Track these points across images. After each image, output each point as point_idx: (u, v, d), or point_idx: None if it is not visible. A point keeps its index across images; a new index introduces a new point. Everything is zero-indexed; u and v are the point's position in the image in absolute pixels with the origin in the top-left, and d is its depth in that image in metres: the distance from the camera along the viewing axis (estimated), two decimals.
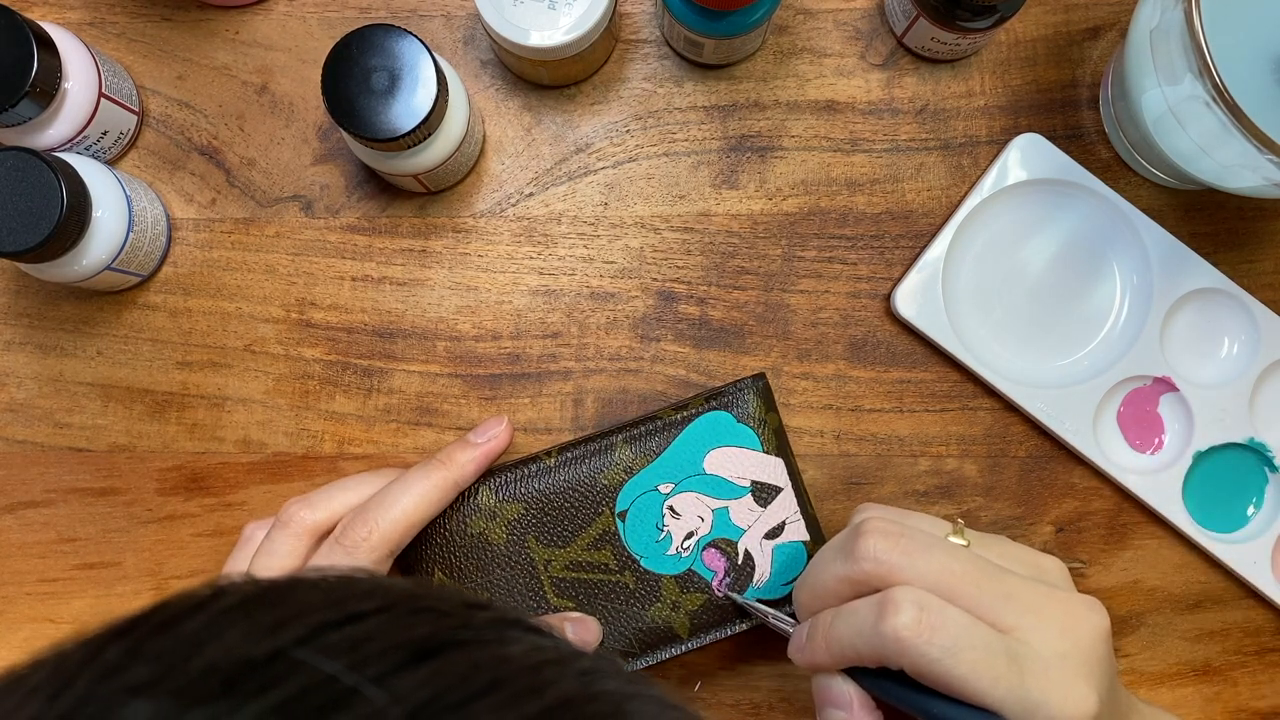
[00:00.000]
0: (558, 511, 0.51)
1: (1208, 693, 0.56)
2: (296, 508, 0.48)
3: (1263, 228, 0.56)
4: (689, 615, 0.51)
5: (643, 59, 0.57)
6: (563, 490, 0.51)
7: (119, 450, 0.56)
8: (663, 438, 0.51)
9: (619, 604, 0.51)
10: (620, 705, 0.23)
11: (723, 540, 0.51)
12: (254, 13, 0.57)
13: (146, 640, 0.21)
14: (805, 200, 0.56)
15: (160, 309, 0.56)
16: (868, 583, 0.41)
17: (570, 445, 0.52)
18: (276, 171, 0.56)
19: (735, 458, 0.51)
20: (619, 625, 0.51)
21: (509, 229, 0.56)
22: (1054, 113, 0.56)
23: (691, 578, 0.51)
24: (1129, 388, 0.55)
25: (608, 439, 0.52)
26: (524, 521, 0.51)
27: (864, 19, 0.56)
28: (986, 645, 0.39)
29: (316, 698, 0.20)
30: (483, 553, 0.51)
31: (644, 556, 0.51)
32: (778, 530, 0.51)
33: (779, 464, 0.51)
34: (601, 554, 0.51)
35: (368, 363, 0.56)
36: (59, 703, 0.20)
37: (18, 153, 0.48)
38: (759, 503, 0.51)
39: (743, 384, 0.52)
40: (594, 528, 0.51)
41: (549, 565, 0.51)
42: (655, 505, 0.51)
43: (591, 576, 0.51)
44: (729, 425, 0.51)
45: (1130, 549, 0.56)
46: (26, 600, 0.56)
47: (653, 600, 0.51)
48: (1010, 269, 0.56)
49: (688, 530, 0.51)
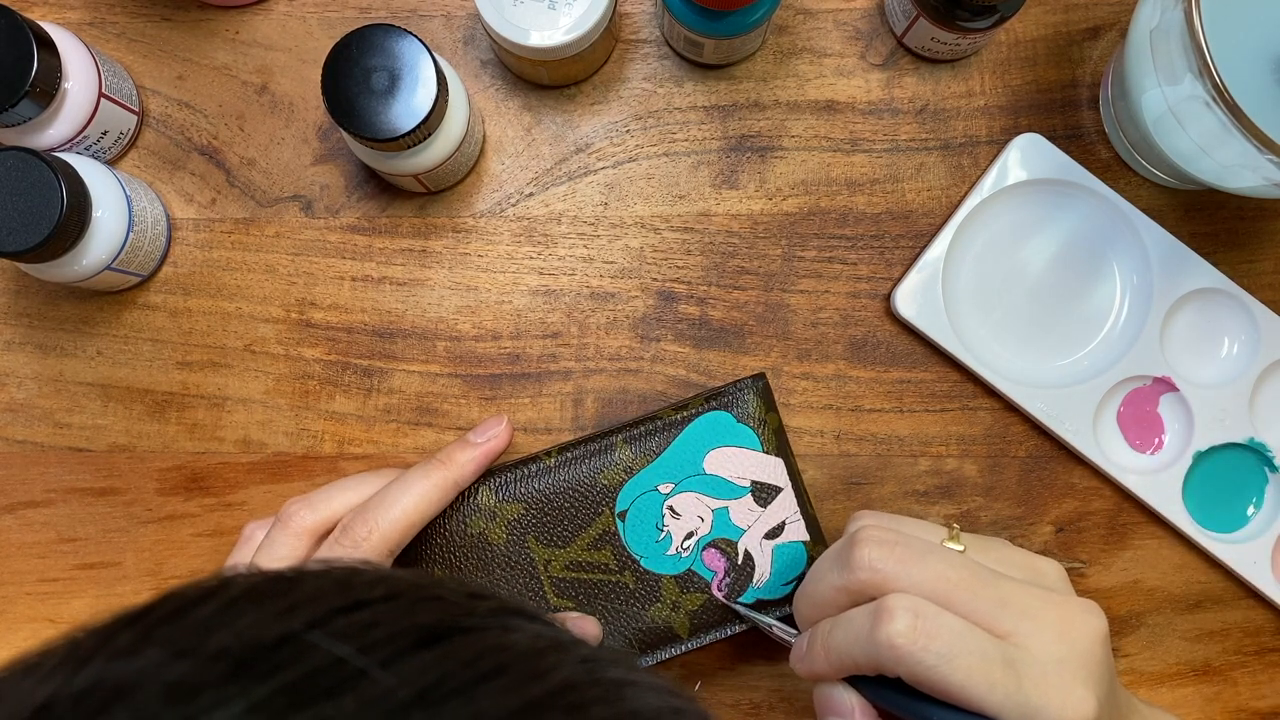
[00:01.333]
0: (558, 511, 0.51)
1: (1208, 693, 0.56)
2: (296, 507, 0.48)
3: (1263, 228, 0.56)
4: (689, 615, 0.51)
5: (643, 59, 0.57)
6: (563, 490, 0.51)
7: (119, 450, 0.56)
8: (663, 438, 0.51)
9: (619, 604, 0.51)
10: (620, 691, 0.23)
11: (723, 540, 0.51)
12: (254, 13, 0.57)
13: (157, 626, 0.22)
14: (805, 200, 0.56)
15: (160, 309, 0.56)
16: (864, 592, 0.41)
17: (570, 445, 0.52)
18: (276, 171, 0.56)
19: (735, 458, 0.51)
20: (619, 625, 0.51)
21: (509, 229, 0.56)
22: (1054, 113, 0.56)
23: (691, 578, 0.51)
24: (1129, 388, 0.55)
25: (608, 439, 0.52)
26: (524, 521, 0.51)
27: (864, 19, 0.56)
28: (982, 651, 0.39)
29: (326, 679, 0.20)
30: (483, 552, 0.51)
31: (644, 556, 0.51)
32: (778, 530, 0.51)
33: (779, 464, 0.51)
34: (601, 554, 0.51)
35: (368, 363, 0.56)
36: (76, 680, 0.20)
37: (18, 153, 0.48)
38: (759, 503, 0.51)
39: (742, 384, 0.52)
40: (594, 528, 0.51)
41: (549, 565, 0.51)
42: (655, 505, 0.51)
43: (591, 576, 0.51)
44: (729, 425, 0.51)
45: (1130, 549, 0.56)
46: (26, 600, 0.56)
47: (653, 600, 0.51)
48: (1010, 269, 0.56)
49: (688, 530, 0.51)
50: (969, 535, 0.44)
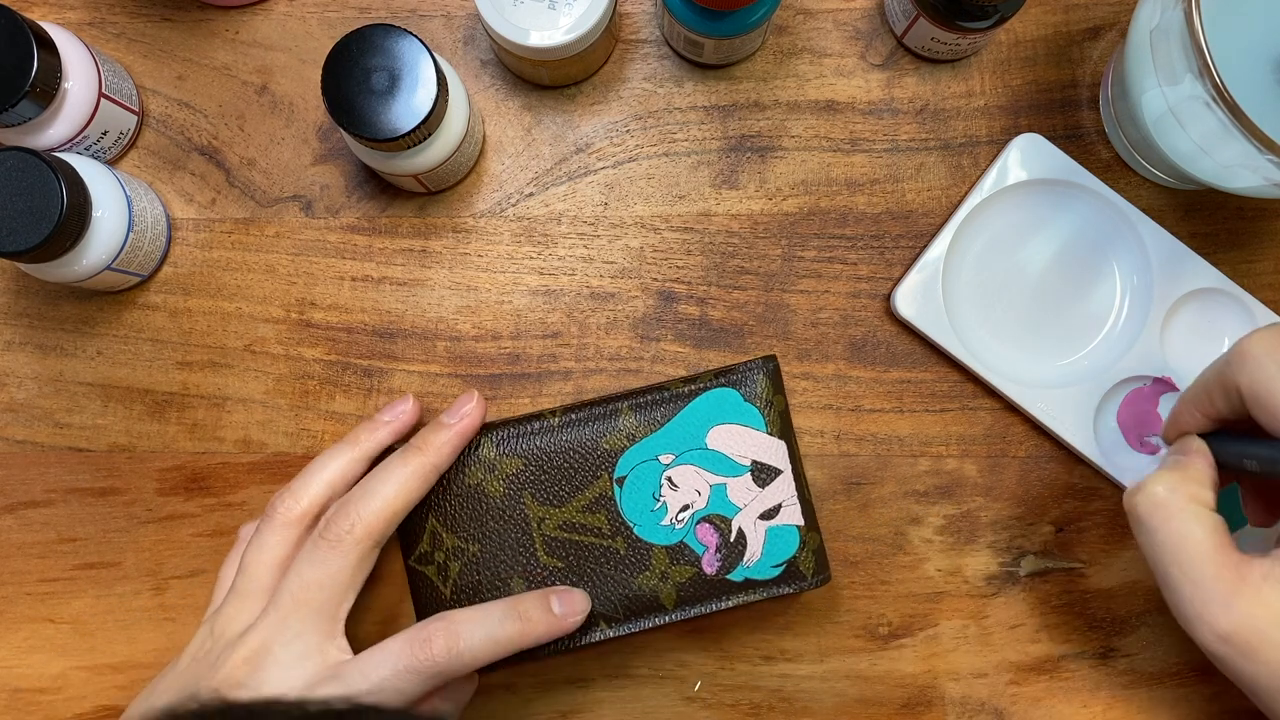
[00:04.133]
0: (557, 471, 0.51)
1: (1207, 693, 0.56)
2: (280, 499, 0.49)
3: (1263, 228, 0.56)
4: (676, 587, 0.51)
5: (643, 59, 0.57)
6: (564, 450, 0.51)
7: (119, 450, 0.56)
8: (668, 408, 0.52)
9: (608, 568, 0.51)
10: None
11: (717, 516, 0.51)
12: (254, 13, 0.57)
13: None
14: (805, 200, 0.56)
15: (160, 309, 0.56)
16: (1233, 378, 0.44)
17: (575, 406, 0.52)
18: (276, 171, 0.56)
19: (738, 436, 0.51)
20: (606, 589, 0.51)
21: (509, 229, 0.56)
22: (1054, 113, 0.56)
23: (683, 550, 0.51)
24: (1129, 388, 0.55)
25: (614, 404, 0.52)
26: (522, 477, 0.51)
27: (864, 19, 0.56)
28: None
29: None
30: (478, 504, 0.51)
31: (637, 525, 0.51)
32: (773, 512, 0.51)
33: (781, 446, 0.52)
34: (596, 517, 0.51)
35: (368, 363, 0.56)
36: None
37: (18, 153, 0.48)
38: (758, 483, 0.51)
39: (753, 364, 0.52)
40: (591, 490, 0.51)
41: (543, 523, 0.51)
42: (654, 475, 0.51)
43: (583, 539, 0.51)
44: (735, 403, 0.51)
45: (1130, 549, 0.56)
46: (26, 600, 0.56)
47: (642, 568, 0.51)
48: (1010, 269, 0.56)
49: (684, 503, 0.51)
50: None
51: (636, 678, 0.55)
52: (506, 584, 0.51)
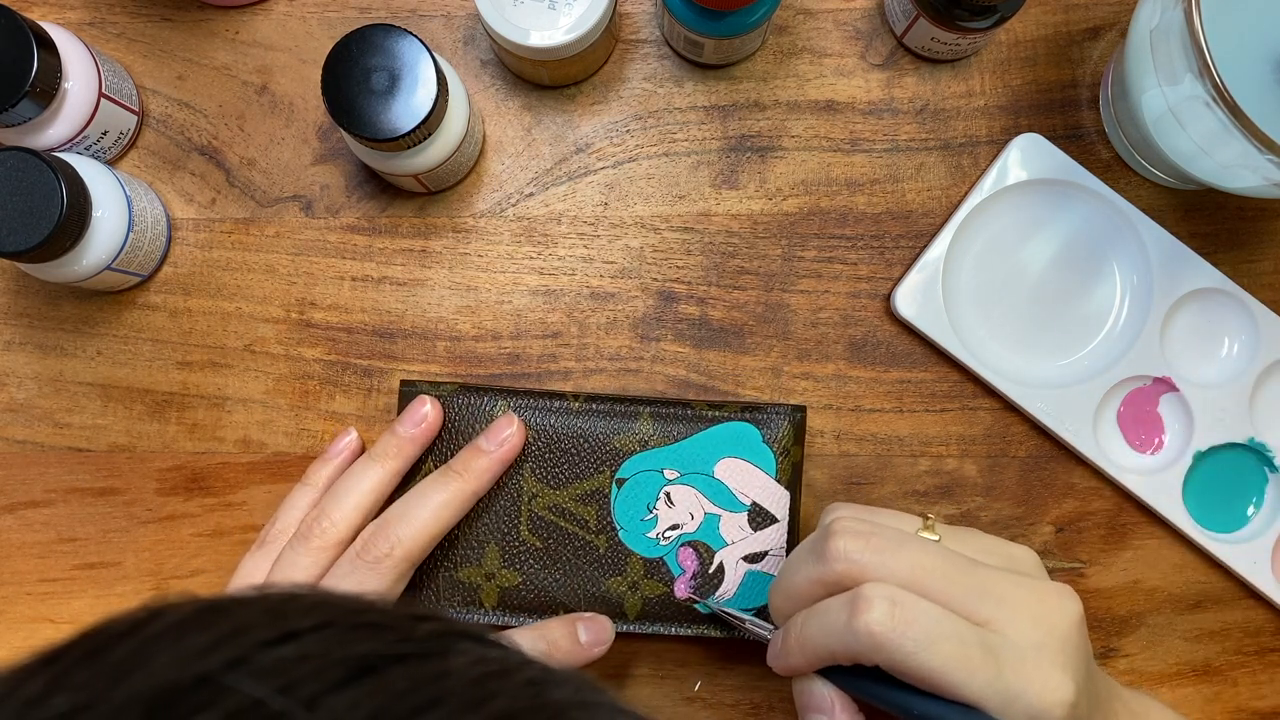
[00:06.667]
0: (563, 453, 0.52)
1: (1208, 693, 0.56)
2: (316, 522, 0.48)
3: (1263, 228, 0.56)
4: (643, 600, 0.51)
5: (643, 59, 0.57)
6: (575, 435, 0.52)
7: (119, 450, 0.56)
8: (687, 426, 0.52)
9: (582, 562, 0.51)
10: (566, 713, 0.22)
11: (703, 544, 0.51)
12: (254, 13, 0.57)
13: (73, 669, 0.20)
14: (805, 200, 0.56)
15: (160, 309, 0.56)
16: (840, 583, 0.41)
17: (598, 397, 0.52)
18: (276, 171, 0.56)
19: (747, 473, 0.51)
20: (574, 582, 0.51)
21: (509, 229, 0.56)
22: (1054, 113, 0.56)
23: (660, 566, 0.51)
24: (1129, 388, 0.55)
25: (635, 406, 0.52)
26: (528, 449, 0.52)
27: (864, 19, 0.56)
28: (961, 637, 0.38)
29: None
30: None
31: (624, 529, 0.51)
32: (758, 558, 0.51)
33: (785, 496, 0.52)
34: (586, 509, 0.51)
35: (368, 363, 0.56)
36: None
37: (18, 153, 0.48)
38: (752, 525, 0.51)
39: (781, 409, 0.52)
40: (590, 482, 0.51)
41: (534, 499, 0.51)
42: (655, 486, 0.51)
43: (568, 526, 0.51)
44: (754, 441, 0.52)
45: (1130, 549, 0.56)
46: (26, 600, 0.56)
47: (615, 572, 0.51)
48: (1010, 269, 0.56)
49: (675, 522, 0.51)
50: (943, 525, 0.44)
51: (636, 678, 0.55)
52: (481, 549, 0.51)
